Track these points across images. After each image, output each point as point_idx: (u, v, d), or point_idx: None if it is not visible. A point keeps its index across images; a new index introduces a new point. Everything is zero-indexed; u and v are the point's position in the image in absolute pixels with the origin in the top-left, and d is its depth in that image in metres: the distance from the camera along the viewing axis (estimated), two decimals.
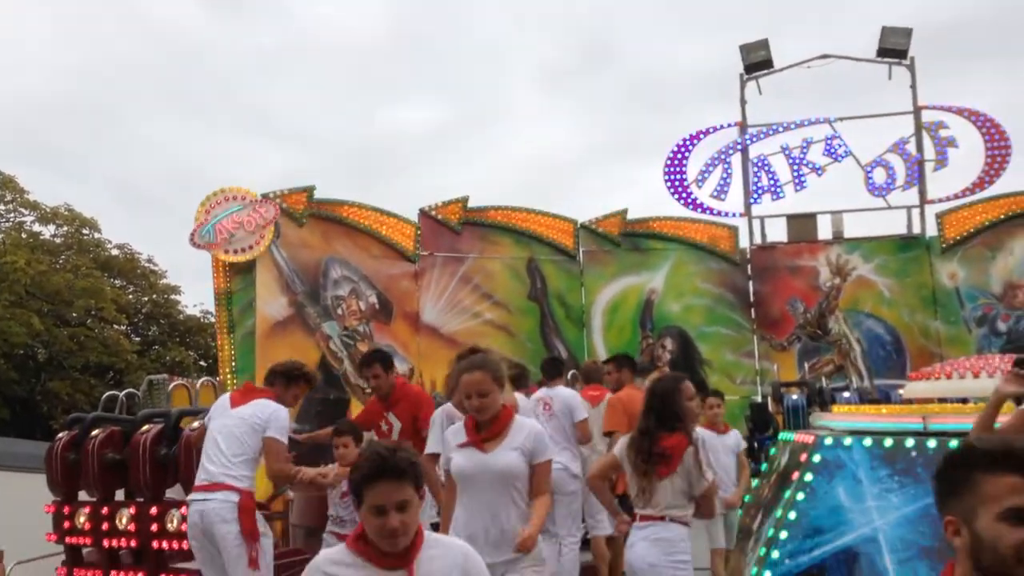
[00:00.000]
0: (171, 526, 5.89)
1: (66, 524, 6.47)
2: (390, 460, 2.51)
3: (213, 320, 14.98)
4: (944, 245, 15.28)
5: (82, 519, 6.39)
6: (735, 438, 7.32)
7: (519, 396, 7.98)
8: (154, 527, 5.97)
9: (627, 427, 6.46)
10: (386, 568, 2.55)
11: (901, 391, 9.57)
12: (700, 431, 4.78)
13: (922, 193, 15.70)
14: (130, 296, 30.90)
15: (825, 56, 16.51)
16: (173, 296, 32.19)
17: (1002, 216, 15.14)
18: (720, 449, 6.89)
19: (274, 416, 5.02)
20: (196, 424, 6.46)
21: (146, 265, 31.32)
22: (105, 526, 6.27)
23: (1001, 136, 15.39)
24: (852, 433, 6.54)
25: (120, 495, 6.57)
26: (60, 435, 6.77)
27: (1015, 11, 49.44)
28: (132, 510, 6.16)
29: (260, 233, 13.11)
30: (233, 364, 12.95)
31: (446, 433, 4.21)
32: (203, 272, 13.29)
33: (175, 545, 5.88)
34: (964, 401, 7.22)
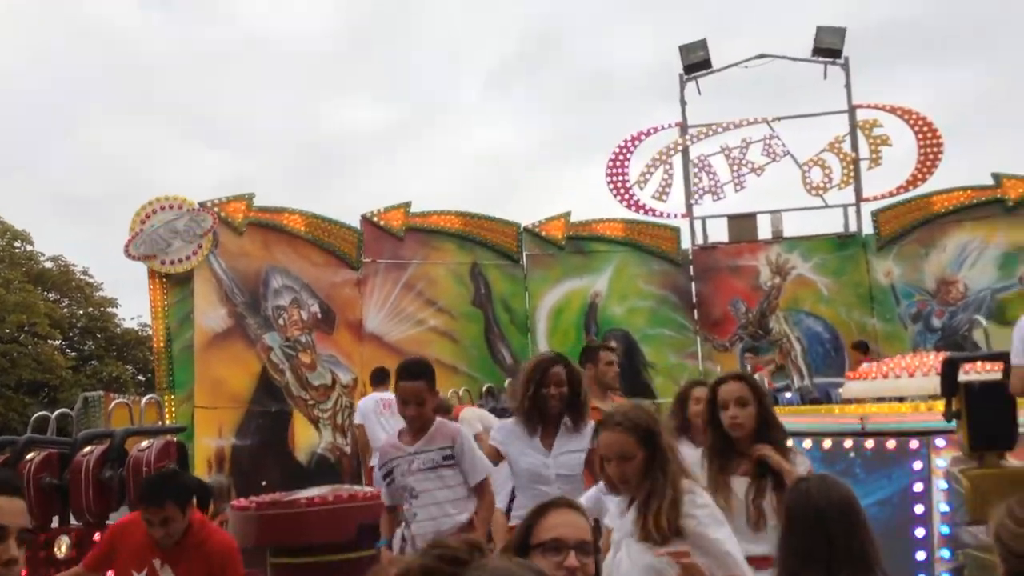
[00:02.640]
0: None
1: None
2: None
3: (151, 333, 14.66)
4: (880, 243, 15.56)
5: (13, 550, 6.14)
6: None
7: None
8: None
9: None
10: None
11: (840, 390, 9.72)
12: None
13: (858, 192, 15.97)
14: (64, 310, 30.16)
15: (762, 56, 16.72)
16: (110, 309, 31.50)
17: (935, 213, 15.46)
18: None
19: None
20: (144, 444, 6.27)
21: (81, 277, 30.62)
22: (42, 555, 6.05)
23: (933, 134, 15.72)
24: (792, 435, 6.60)
25: (56, 522, 6.35)
26: None
27: (944, 10, 50.75)
28: (73, 537, 5.96)
29: (198, 243, 12.84)
30: (171, 379, 12.67)
31: None
32: (141, 284, 12.99)
33: None
34: (901, 400, 7.34)
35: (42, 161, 54.73)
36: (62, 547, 5.89)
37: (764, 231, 16.19)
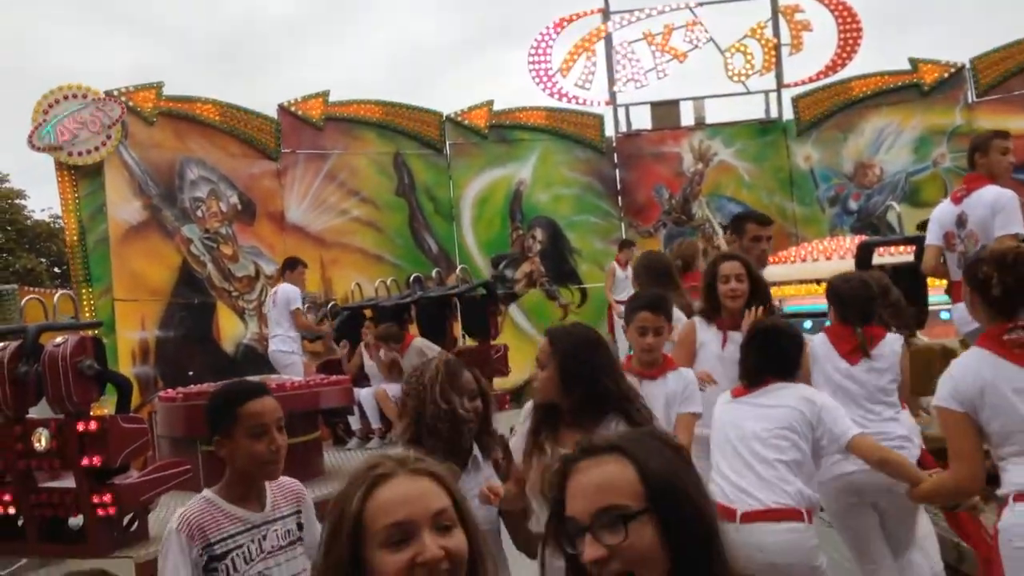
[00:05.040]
0: (38, 445, 5.62)
1: None
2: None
3: (63, 225, 14.18)
4: (799, 128, 15.75)
5: None
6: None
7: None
8: (19, 447, 5.71)
9: None
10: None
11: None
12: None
13: (779, 77, 16.06)
14: None
15: None
16: (18, 201, 30.35)
17: (853, 98, 15.66)
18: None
19: None
20: (59, 340, 6.12)
21: None
22: None
23: (853, 19, 15.79)
24: None
25: None
26: None
27: None
28: None
29: (106, 133, 12.33)
30: (87, 273, 12.35)
31: None
32: (49, 174, 12.50)
33: (43, 464, 5.63)
34: (818, 283, 7.56)
35: None
36: None
37: (687, 118, 16.25)
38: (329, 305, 12.59)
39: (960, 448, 3.01)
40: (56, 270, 30.00)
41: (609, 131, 16.14)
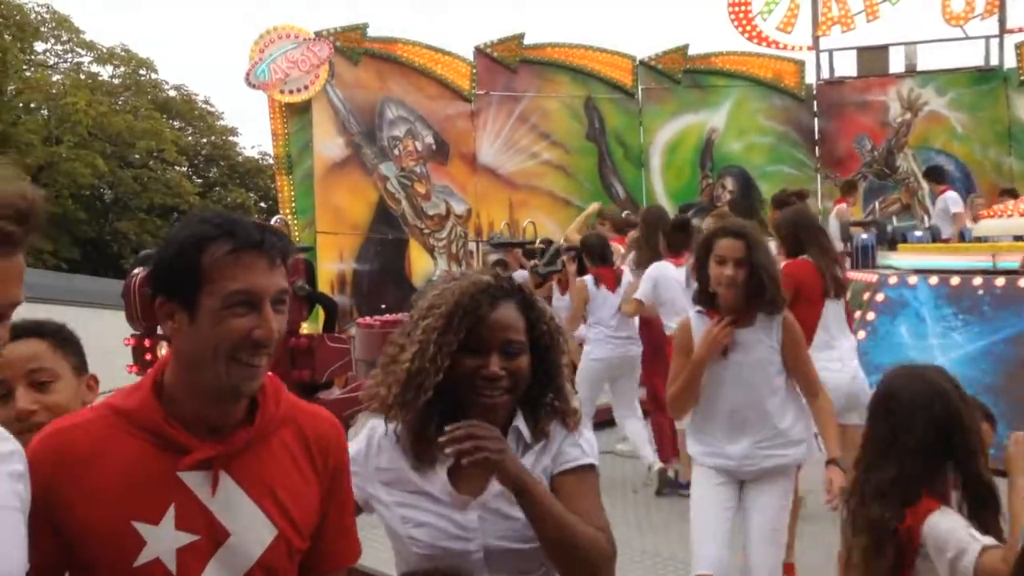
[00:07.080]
0: None
1: (147, 356, 6.78)
2: None
3: (271, 162, 15.06)
4: (1023, 77, 14.58)
5: (164, 351, 6.66)
6: None
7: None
8: None
9: None
10: None
11: (972, 228, 9.37)
12: None
13: (1002, 22, 14.86)
14: (189, 138, 31.12)
15: None
16: (231, 138, 32.38)
17: None
18: None
19: None
20: None
21: (203, 107, 31.37)
22: (148, 357, 6.60)
23: None
24: (920, 272, 6.46)
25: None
26: (135, 272, 6.97)
27: None
28: None
29: (315, 72, 12.97)
30: (293, 205, 13.11)
31: None
32: (258, 114, 13.29)
33: None
34: None
35: None
36: (163, 351, 6.38)
37: (896, 64, 15.36)
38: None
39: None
40: (262, 204, 31.91)
41: (810, 78, 15.49)
